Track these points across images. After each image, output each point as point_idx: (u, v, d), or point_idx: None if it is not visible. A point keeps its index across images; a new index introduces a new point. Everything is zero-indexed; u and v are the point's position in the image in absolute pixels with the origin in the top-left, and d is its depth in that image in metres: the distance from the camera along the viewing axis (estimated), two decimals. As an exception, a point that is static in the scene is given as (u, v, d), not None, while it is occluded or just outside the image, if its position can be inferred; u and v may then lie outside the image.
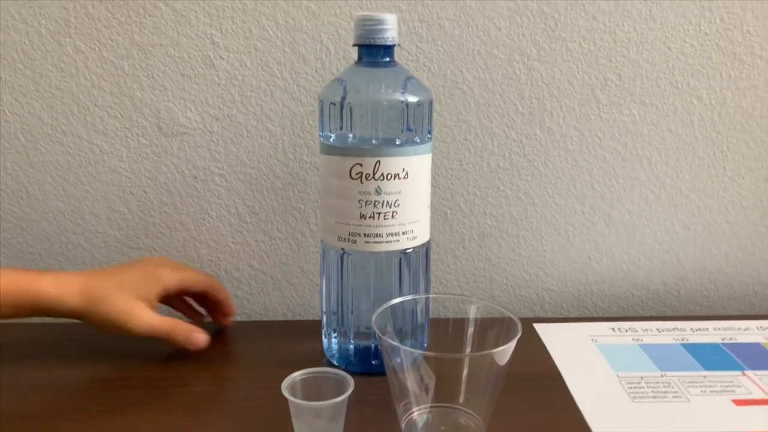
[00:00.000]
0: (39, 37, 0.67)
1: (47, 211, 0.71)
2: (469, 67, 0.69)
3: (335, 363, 0.60)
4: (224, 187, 0.72)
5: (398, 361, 0.46)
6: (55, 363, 0.61)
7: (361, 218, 0.55)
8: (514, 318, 0.48)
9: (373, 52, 0.56)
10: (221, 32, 0.67)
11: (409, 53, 0.69)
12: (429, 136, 0.57)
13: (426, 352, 0.46)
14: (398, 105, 0.54)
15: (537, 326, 0.68)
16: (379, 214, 0.55)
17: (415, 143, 0.55)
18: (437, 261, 0.75)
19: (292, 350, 0.63)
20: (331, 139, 0.56)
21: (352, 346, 0.59)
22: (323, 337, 0.62)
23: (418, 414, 0.48)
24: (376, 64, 0.56)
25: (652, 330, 0.67)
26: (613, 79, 0.70)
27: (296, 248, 0.74)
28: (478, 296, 0.75)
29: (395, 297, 0.52)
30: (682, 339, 0.65)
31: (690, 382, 0.57)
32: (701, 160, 0.73)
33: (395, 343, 0.46)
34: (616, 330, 0.68)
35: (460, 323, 0.52)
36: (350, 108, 0.54)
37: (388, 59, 0.56)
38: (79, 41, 0.67)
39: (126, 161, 0.70)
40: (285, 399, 0.47)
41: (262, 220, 0.73)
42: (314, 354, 0.62)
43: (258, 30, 0.68)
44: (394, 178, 0.54)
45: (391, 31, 0.55)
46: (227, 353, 0.63)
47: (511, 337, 0.45)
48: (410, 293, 0.58)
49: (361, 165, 0.54)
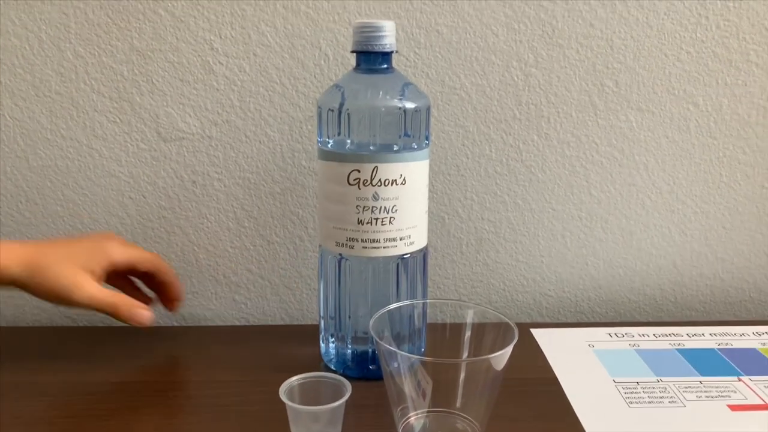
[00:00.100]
0: (39, 42, 0.67)
1: (46, 215, 0.71)
2: (467, 73, 0.70)
3: (333, 368, 0.60)
4: (223, 191, 0.72)
5: (395, 365, 0.47)
6: (54, 367, 0.61)
7: (359, 224, 0.55)
8: (511, 323, 0.48)
9: (371, 59, 0.56)
10: (220, 38, 0.68)
11: (407, 59, 0.69)
12: (427, 142, 0.57)
13: (423, 356, 0.46)
14: (396, 111, 0.55)
15: (534, 331, 0.68)
16: (377, 219, 0.55)
17: (413, 149, 0.56)
18: (435, 266, 0.75)
19: (289, 355, 0.63)
20: (329, 145, 0.56)
21: (349, 351, 0.59)
22: (321, 341, 0.62)
23: (415, 419, 0.49)
24: (374, 71, 0.56)
25: (648, 335, 0.68)
26: (610, 85, 0.71)
27: (294, 253, 0.74)
28: (476, 301, 0.76)
29: (393, 302, 0.52)
30: (679, 344, 0.66)
31: (686, 387, 0.57)
32: (698, 167, 0.73)
33: (392, 348, 0.46)
34: (613, 335, 0.68)
35: (458, 328, 0.52)
36: (348, 114, 0.55)
37: (386, 66, 0.56)
38: (78, 46, 0.67)
39: (125, 166, 0.71)
40: (283, 403, 0.47)
41: (261, 224, 0.73)
42: (312, 359, 0.62)
43: (257, 36, 0.68)
44: (392, 184, 0.55)
45: (389, 37, 0.55)
46: (225, 357, 0.63)
47: (508, 342, 0.46)
48: (408, 298, 0.58)
49: (359, 171, 0.54)
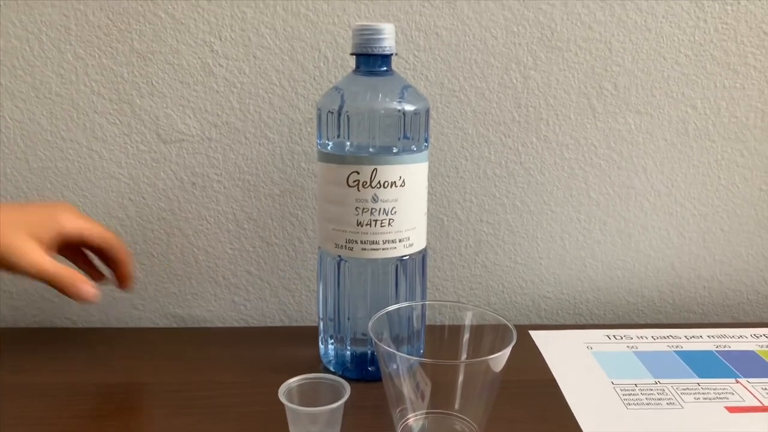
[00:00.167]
0: (39, 43, 0.67)
1: (46, 216, 0.72)
2: (466, 75, 0.70)
3: (332, 369, 0.60)
4: (222, 193, 0.72)
5: (394, 367, 0.47)
6: (54, 367, 0.61)
7: (358, 225, 0.55)
8: (510, 325, 0.48)
9: (371, 61, 0.56)
10: (220, 40, 0.68)
11: (407, 62, 0.69)
12: (426, 144, 0.58)
13: (422, 358, 0.46)
14: (395, 113, 0.55)
15: (532, 333, 0.69)
16: (376, 221, 0.55)
17: (412, 151, 0.56)
18: (434, 268, 0.75)
19: (289, 356, 0.64)
20: (329, 147, 0.57)
21: (348, 353, 0.60)
22: (320, 343, 0.62)
23: (414, 420, 0.49)
24: (373, 73, 0.56)
25: (646, 337, 0.68)
26: (608, 88, 0.71)
27: (294, 255, 0.74)
28: (474, 303, 0.76)
29: (392, 304, 0.53)
30: (677, 346, 0.66)
31: (684, 389, 0.58)
32: (696, 169, 0.74)
33: (391, 349, 0.46)
34: (611, 337, 0.68)
35: (456, 330, 0.53)
36: (348, 116, 0.55)
37: (385, 68, 0.57)
38: (79, 48, 0.68)
39: (125, 167, 0.71)
40: (282, 405, 0.47)
41: (260, 226, 0.73)
42: (311, 360, 0.63)
43: (257, 38, 0.68)
44: (391, 186, 0.55)
45: (389, 40, 0.55)
46: (224, 359, 0.63)
47: (507, 344, 0.46)
48: (406, 300, 0.58)
49: (358, 173, 0.54)
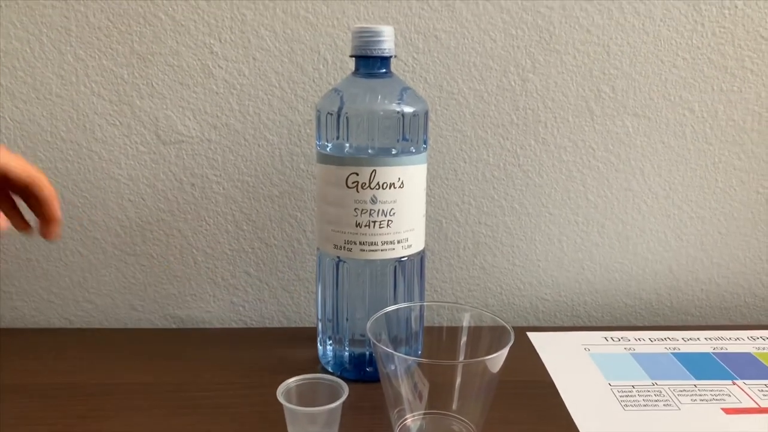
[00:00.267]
0: (40, 45, 0.67)
1: (45, 217, 0.72)
2: (465, 78, 0.70)
3: (330, 370, 0.60)
4: (221, 194, 0.72)
5: (392, 368, 0.47)
6: (53, 368, 0.61)
7: (357, 226, 0.56)
8: (507, 326, 0.48)
9: (370, 63, 0.56)
10: (220, 42, 0.68)
11: (406, 64, 0.69)
12: (424, 146, 0.58)
13: (419, 358, 0.47)
14: (394, 115, 0.55)
15: (530, 335, 0.69)
16: (375, 222, 0.55)
17: (411, 153, 0.56)
18: (432, 269, 0.75)
19: (287, 357, 0.64)
20: (328, 149, 0.57)
21: (347, 353, 0.60)
22: (318, 344, 0.63)
23: (412, 421, 0.49)
24: (372, 75, 0.57)
25: (644, 339, 0.68)
26: (606, 91, 0.71)
27: (292, 256, 0.74)
28: (472, 305, 0.76)
29: (390, 305, 0.53)
30: (674, 348, 0.66)
31: (681, 390, 0.58)
32: (693, 172, 0.74)
33: (389, 350, 0.46)
34: (609, 339, 0.68)
35: (454, 331, 0.53)
36: (347, 118, 0.55)
37: (384, 70, 0.57)
38: (79, 49, 0.68)
39: (124, 168, 0.71)
40: (280, 405, 0.47)
41: (259, 227, 0.73)
42: (309, 361, 0.63)
43: (256, 40, 0.68)
44: (390, 187, 0.55)
45: (388, 42, 0.55)
46: (223, 359, 0.63)
47: (504, 345, 0.46)
48: (405, 301, 0.59)
49: (357, 174, 0.55)
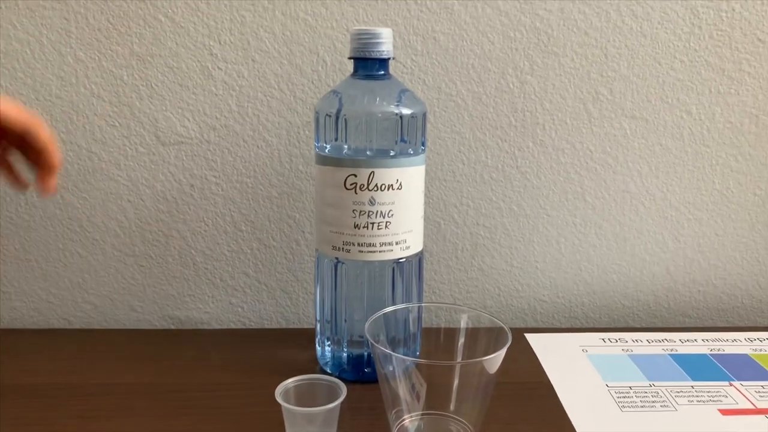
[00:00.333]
0: (40, 46, 0.68)
1: (45, 218, 0.72)
2: (463, 80, 0.70)
3: (328, 371, 0.61)
4: (220, 195, 0.72)
5: (390, 368, 0.47)
6: (51, 368, 0.61)
7: (355, 228, 0.56)
8: (505, 327, 0.48)
9: (369, 65, 0.57)
10: (219, 43, 0.68)
11: (404, 66, 0.70)
12: (423, 147, 0.58)
13: (417, 359, 0.47)
14: (392, 117, 0.55)
15: (528, 336, 0.69)
16: (373, 224, 0.56)
17: (409, 155, 0.56)
18: (430, 271, 0.75)
19: (286, 358, 0.64)
20: (327, 150, 0.57)
21: (345, 354, 0.60)
22: (317, 345, 0.63)
23: (410, 421, 0.49)
24: (371, 77, 0.57)
25: (641, 341, 0.68)
26: (604, 93, 0.71)
27: (291, 257, 0.74)
28: (470, 306, 0.76)
29: (388, 306, 0.53)
30: (671, 350, 0.66)
31: (678, 392, 0.58)
32: (691, 174, 0.74)
33: (388, 351, 0.46)
34: (607, 340, 0.68)
35: (452, 332, 0.53)
36: (345, 119, 0.55)
37: (383, 72, 0.57)
38: (79, 51, 0.68)
39: (124, 169, 0.71)
40: (278, 405, 0.47)
41: (258, 228, 0.73)
42: (308, 362, 0.63)
43: (256, 42, 0.69)
44: (388, 189, 0.55)
45: (386, 44, 0.56)
46: (222, 360, 0.63)
47: (501, 346, 0.46)
48: (403, 302, 0.59)
49: (356, 175, 0.55)
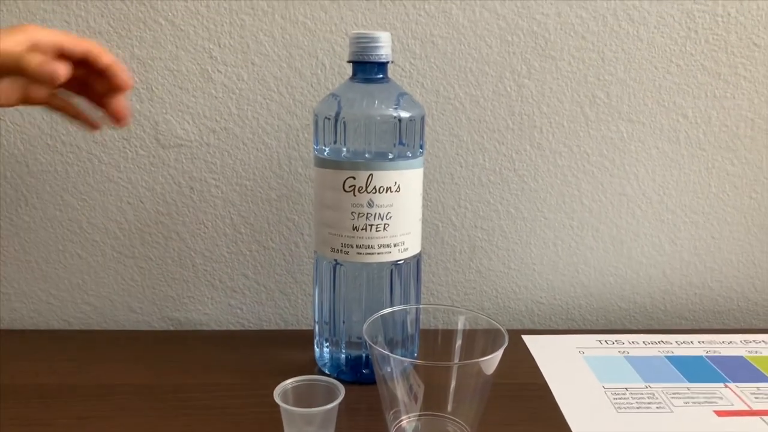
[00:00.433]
0: (40, 49, 0.68)
1: (45, 219, 0.72)
2: (461, 83, 0.71)
3: (327, 372, 0.61)
4: (220, 198, 0.73)
5: (388, 370, 0.47)
6: (51, 369, 0.62)
7: (354, 230, 0.56)
8: (502, 329, 0.49)
9: (367, 69, 0.57)
10: (219, 47, 0.69)
11: (403, 69, 0.70)
12: (421, 150, 0.58)
13: (415, 360, 0.47)
14: (391, 120, 0.56)
15: (525, 338, 0.69)
16: (371, 226, 0.56)
17: (408, 157, 0.57)
18: (428, 272, 0.76)
19: (284, 359, 0.64)
20: (325, 153, 0.57)
21: (343, 356, 0.60)
22: (315, 346, 0.63)
23: (407, 422, 0.49)
24: (370, 80, 0.57)
25: (638, 342, 0.69)
26: (601, 96, 0.72)
27: (290, 259, 0.75)
28: (468, 308, 0.76)
29: (386, 307, 0.53)
30: (667, 351, 0.67)
31: (674, 393, 0.58)
32: (687, 177, 0.75)
33: (386, 352, 0.47)
34: (603, 342, 0.69)
35: (450, 334, 0.53)
36: (344, 122, 0.56)
37: (381, 75, 0.58)
38: (79, 54, 0.68)
39: (124, 172, 0.72)
40: (277, 406, 0.48)
41: (257, 230, 0.74)
42: (306, 363, 0.63)
43: (255, 45, 0.69)
44: (387, 191, 0.56)
45: (385, 48, 0.56)
46: (221, 361, 0.64)
47: (498, 347, 0.47)
48: (401, 304, 0.59)
49: (354, 178, 0.55)
